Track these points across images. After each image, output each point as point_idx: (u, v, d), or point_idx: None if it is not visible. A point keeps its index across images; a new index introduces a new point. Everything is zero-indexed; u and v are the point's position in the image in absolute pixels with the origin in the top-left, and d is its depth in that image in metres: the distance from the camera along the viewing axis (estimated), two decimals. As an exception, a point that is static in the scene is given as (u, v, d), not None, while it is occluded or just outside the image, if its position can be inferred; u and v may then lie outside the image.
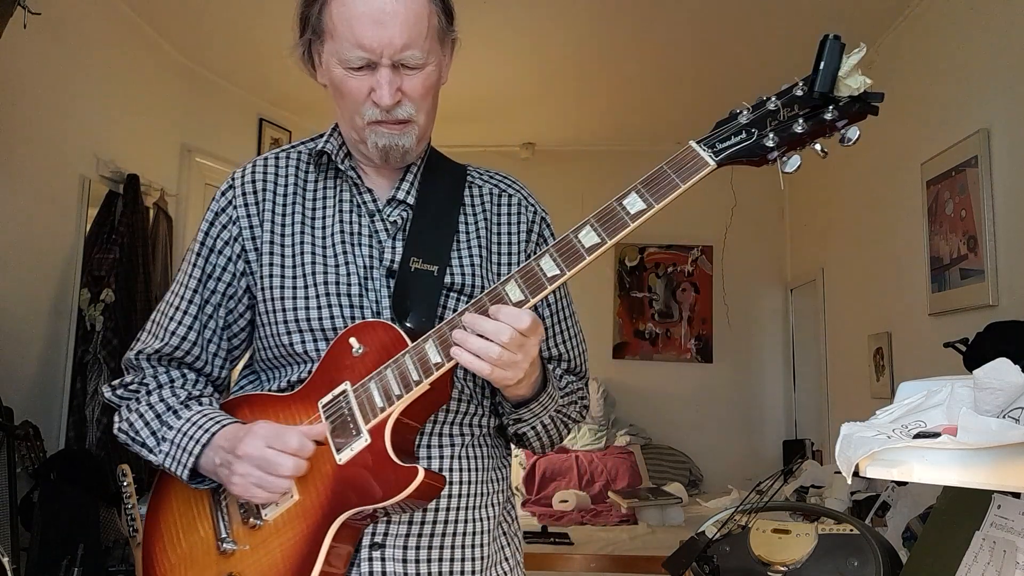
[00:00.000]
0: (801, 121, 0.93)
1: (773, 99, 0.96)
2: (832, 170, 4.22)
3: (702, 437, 5.18)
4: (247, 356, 1.26)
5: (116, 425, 1.17)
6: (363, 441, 1.03)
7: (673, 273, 5.42)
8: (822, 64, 0.91)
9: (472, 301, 1.02)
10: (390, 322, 1.08)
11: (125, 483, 2.33)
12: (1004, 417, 0.90)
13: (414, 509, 1.07)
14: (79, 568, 2.25)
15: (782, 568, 1.58)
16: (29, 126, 2.90)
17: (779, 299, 5.34)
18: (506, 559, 1.22)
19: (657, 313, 5.39)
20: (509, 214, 1.25)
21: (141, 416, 1.14)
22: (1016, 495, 1.06)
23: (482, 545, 1.16)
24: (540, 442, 1.21)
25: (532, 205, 1.28)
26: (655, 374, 5.31)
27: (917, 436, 0.92)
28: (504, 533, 1.23)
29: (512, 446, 1.28)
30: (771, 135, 0.94)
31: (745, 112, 0.97)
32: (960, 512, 1.16)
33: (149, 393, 1.16)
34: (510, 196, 1.27)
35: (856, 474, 0.91)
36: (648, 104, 4.63)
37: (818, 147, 0.95)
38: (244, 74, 4.20)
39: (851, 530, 1.57)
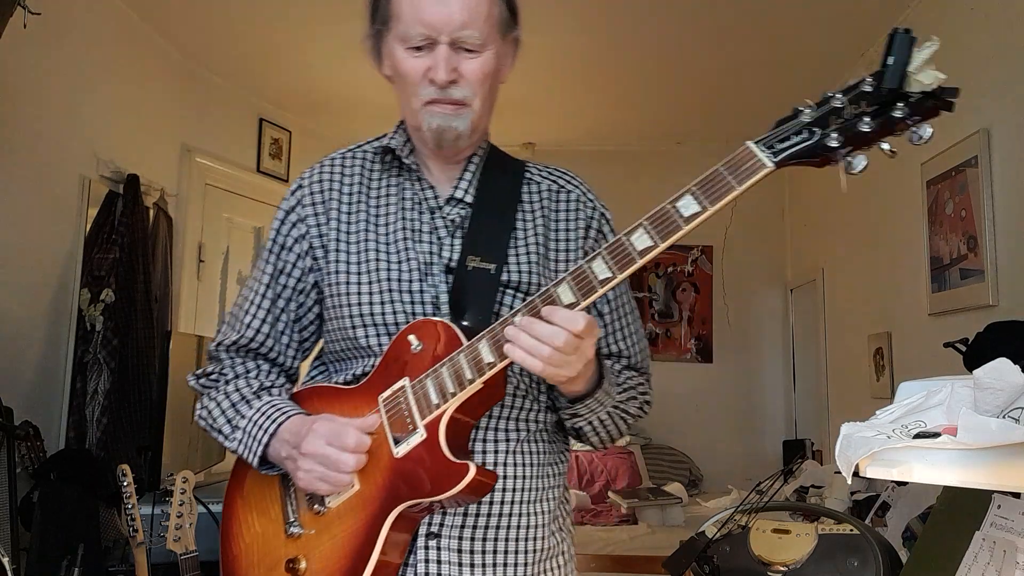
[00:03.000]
0: (868, 119, 0.88)
1: (839, 95, 0.91)
2: (832, 170, 4.21)
3: (702, 437, 5.18)
4: (318, 348, 1.31)
5: (196, 412, 1.25)
6: (419, 436, 1.07)
7: (673, 273, 5.42)
8: (890, 59, 0.86)
9: (524, 303, 1.03)
10: (447, 320, 1.11)
11: (125, 483, 2.33)
12: (1004, 417, 0.90)
13: (467, 504, 1.12)
14: (79, 568, 2.25)
15: (782, 568, 1.58)
16: (29, 126, 2.90)
17: (779, 299, 5.34)
18: (562, 553, 1.24)
19: (657, 313, 5.39)
20: (567, 211, 1.27)
21: (218, 404, 1.21)
22: (1016, 495, 1.06)
23: (537, 539, 1.19)
24: (598, 437, 1.23)
25: (591, 201, 1.29)
26: (655, 374, 5.25)
27: (917, 436, 0.92)
28: (560, 528, 1.25)
29: (571, 441, 1.30)
30: (835, 134, 0.90)
31: (808, 110, 0.92)
32: (960, 512, 1.16)
33: (227, 383, 1.23)
34: (568, 192, 1.28)
35: (856, 474, 0.91)
36: (648, 104, 4.63)
37: (886, 146, 0.91)
38: (244, 74, 4.20)
39: (851, 530, 1.57)
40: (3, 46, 2.45)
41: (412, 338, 1.11)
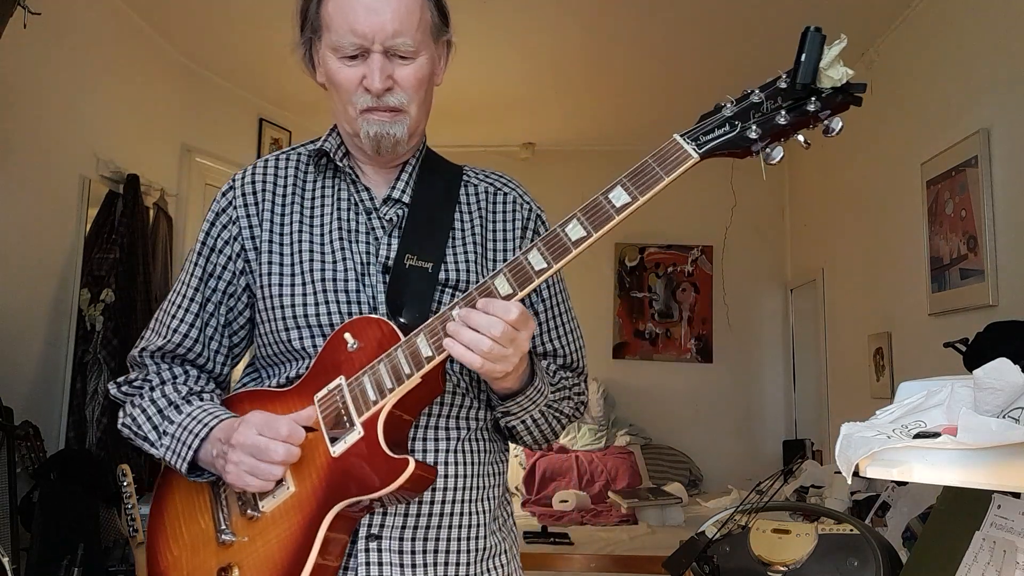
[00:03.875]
0: (784, 113, 0.95)
1: (756, 91, 0.97)
2: (832, 170, 4.22)
3: (702, 437, 5.18)
4: (249, 354, 1.28)
5: (120, 420, 1.20)
6: (356, 434, 1.05)
7: (673, 273, 5.42)
8: (803, 56, 0.92)
9: (463, 296, 1.04)
10: (384, 317, 1.10)
11: (125, 483, 2.33)
12: (1004, 417, 0.90)
13: (408, 500, 1.10)
14: (79, 568, 2.26)
15: (782, 568, 1.58)
16: (29, 126, 2.90)
17: (779, 299, 5.34)
18: (503, 552, 1.23)
19: (657, 313, 5.39)
20: (504, 211, 1.27)
21: (143, 411, 1.17)
22: (1016, 495, 1.06)
23: (478, 538, 1.18)
24: (532, 436, 1.22)
25: (528, 203, 1.29)
26: (655, 374, 5.31)
27: (917, 436, 0.92)
28: (501, 527, 1.24)
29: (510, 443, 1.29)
30: (754, 127, 0.96)
31: (729, 105, 0.99)
32: (960, 512, 1.16)
33: (152, 389, 1.19)
34: (505, 194, 1.28)
35: (856, 474, 0.91)
36: (648, 104, 4.63)
37: (801, 138, 0.97)
38: (244, 74, 4.20)
39: (851, 530, 1.57)
40: (3, 46, 2.45)
41: (348, 336, 1.10)
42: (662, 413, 5.25)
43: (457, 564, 1.15)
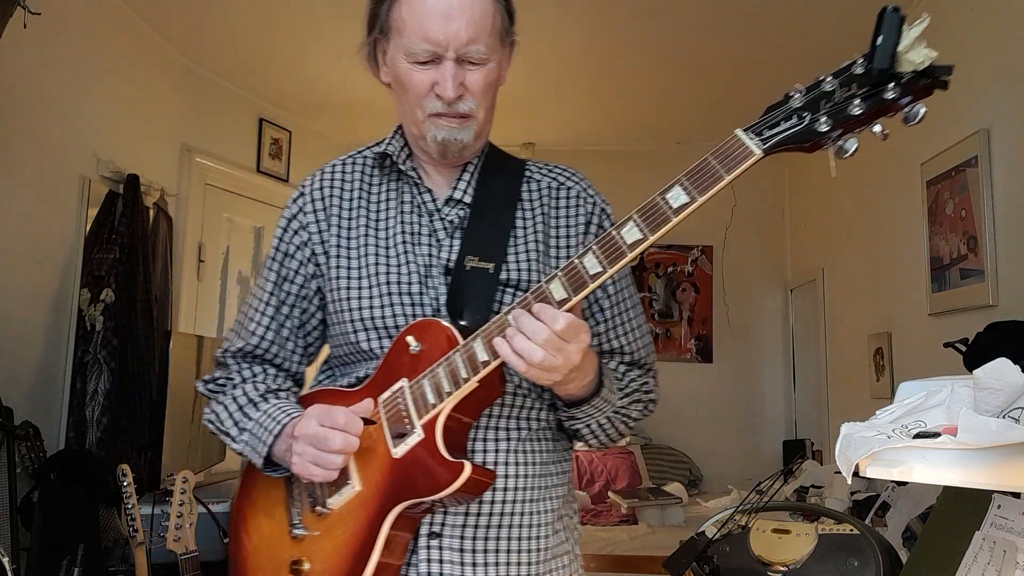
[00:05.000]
0: (859, 101, 0.87)
1: (829, 78, 0.89)
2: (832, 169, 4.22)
3: (702, 437, 5.17)
4: (324, 353, 1.33)
5: (204, 416, 1.28)
6: (417, 436, 1.08)
7: (673, 273, 5.42)
8: (879, 39, 0.84)
9: (518, 300, 1.03)
10: (444, 320, 1.11)
11: (125, 483, 2.33)
12: (1004, 417, 0.90)
13: (466, 502, 1.12)
14: (79, 568, 2.25)
15: (782, 568, 1.58)
16: (29, 126, 2.90)
17: (779, 299, 5.34)
18: (566, 553, 1.24)
19: (657, 313, 5.39)
20: (567, 207, 1.26)
21: (225, 408, 1.24)
22: (1016, 495, 1.06)
23: (540, 538, 1.19)
24: (597, 440, 1.22)
25: (592, 197, 1.28)
26: (655, 374, 5.29)
27: (917, 436, 0.92)
28: (564, 527, 1.25)
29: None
30: (824, 118, 0.89)
31: (798, 94, 0.91)
32: (960, 512, 1.16)
33: (234, 387, 1.25)
34: (568, 189, 1.28)
35: (856, 474, 0.91)
36: (648, 104, 4.63)
37: (878, 129, 0.88)
38: (244, 74, 4.19)
39: (851, 530, 1.57)
40: (3, 46, 2.45)
41: (410, 339, 1.12)
42: (662, 413, 5.17)
43: (519, 564, 1.16)
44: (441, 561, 1.13)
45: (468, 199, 1.22)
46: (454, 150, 1.17)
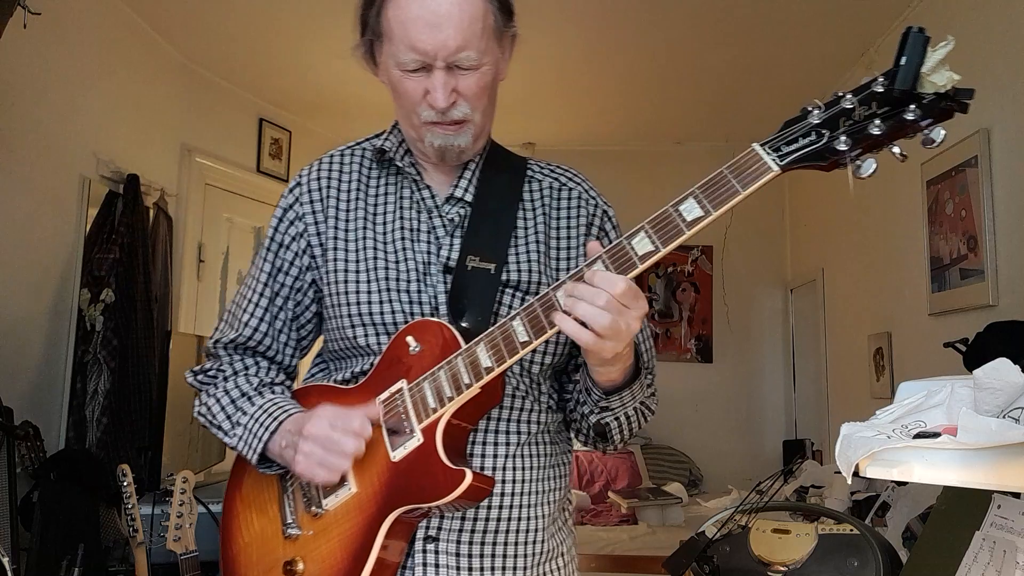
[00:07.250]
0: (879, 121, 0.85)
1: (848, 96, 0.87)
2: (833, 171, 4.22)
3: (702, 437, 5.18)
4: (318, 346, 1.30)
5: (196, 408, 1.24)
6: (416, 441, 1.06)
7: (673, 273, 5.42)
8: (903, 59, 0.82)
9: (522, 307, 1.01)
10: (445, 322, 1.09)
11: (125, 483, 2.33)
12: (1004, 417, 0.90)
13: (464, 509, 1.10)
14: (79, 568, 2.25)
15: (782, 568, 1.58)
16: (29, 126, 2.90)
17: (779, 299, 5.34)
18: (562, 555, 1.23)
19: (657, 313, 5.39)
20: (569, 208, 1.24)
21: (218, 401, 1.21)
22: (1016, 495, 1.06)
23: (536, 542, 1.17)
24: (621, 434, 1.20)
25: (594, 198, 1.27)
26: (655, 374, 5.29)
27: (917, 436, 0.92)
28: (560, 529, 1.24)
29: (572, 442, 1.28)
30: (844, 136, 0.87)
31: (817, 111, 0.89)
32: (960, 512, 1.16)
33: (226, 380, 1.22)
34: (570, 190, 1.26)
35: (856, 474, 0.91)
36: (648, 104, 4.63)
37: (896, 150, 0.87)
38: (244, 74, 4.20)
39: (851, 530, 1.57)
40: (3, 46, 2.45)
41: (410, 339, 1.09)
42: (662, 413, 5.16)
43: (515, 568, 1.15)
44: (437, 565, 1.11)
45: (469, 197, 1.20)
46: (452, 155, 1.15)
